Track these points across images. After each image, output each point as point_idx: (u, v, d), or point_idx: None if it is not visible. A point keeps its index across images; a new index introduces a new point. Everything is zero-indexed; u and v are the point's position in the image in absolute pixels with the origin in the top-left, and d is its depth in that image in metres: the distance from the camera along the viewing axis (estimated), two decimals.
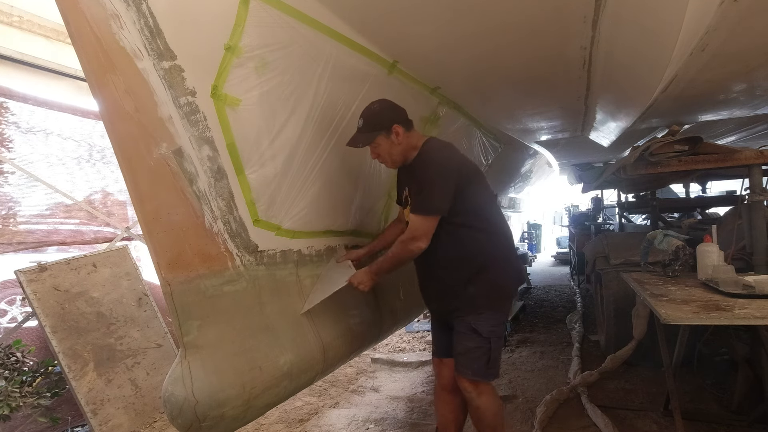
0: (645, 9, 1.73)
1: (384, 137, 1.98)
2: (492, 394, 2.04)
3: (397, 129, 1.97)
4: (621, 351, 3.46)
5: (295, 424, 3.03)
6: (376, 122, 1.96)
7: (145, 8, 1.36)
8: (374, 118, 1.97)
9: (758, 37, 1.66)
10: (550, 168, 7.04)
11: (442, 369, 2.24)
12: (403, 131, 1.99)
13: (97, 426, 2.88)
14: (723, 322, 1.79)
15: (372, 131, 1.97)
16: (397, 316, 2.72)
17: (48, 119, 3.49)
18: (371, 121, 1.97)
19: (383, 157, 2.06)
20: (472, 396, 2.00)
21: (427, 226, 1.93)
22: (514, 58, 2.32)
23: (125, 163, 1.48)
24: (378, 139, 1.98)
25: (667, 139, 2.76)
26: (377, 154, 2.05)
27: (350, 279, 2.03)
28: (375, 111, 1.98)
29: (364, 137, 1.98)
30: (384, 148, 2.02)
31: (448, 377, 2.21)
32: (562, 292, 7.14)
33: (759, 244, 2.50)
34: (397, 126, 1.97)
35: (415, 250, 1.95)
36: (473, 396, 2.00)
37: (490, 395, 2.02)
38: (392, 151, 2.02)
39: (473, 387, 1.99)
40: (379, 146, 2.01)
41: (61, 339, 2.91)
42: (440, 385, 2.27)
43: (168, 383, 1.53)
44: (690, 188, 6.02)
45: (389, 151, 2.02)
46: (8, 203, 3.29)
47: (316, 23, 1.80)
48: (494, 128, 3.78)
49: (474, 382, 1.99)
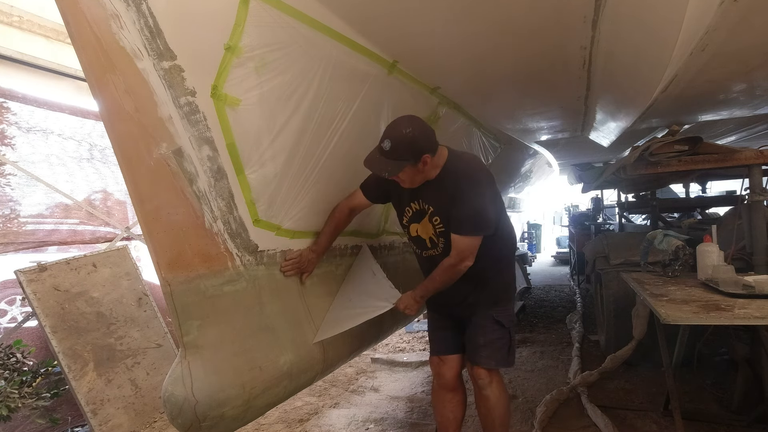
0: (645, 9, 1.73)
1: (411, 166, 1.86)
2: (503, 383, 2.14)
3: (425, 159, 1.85)
4: (621, 351, 3.46)
5: (295, 424, 3.03)
6: (406, 151, 1.81)
7: (145, 8, 1.36)
8: (405, 146, 1.80)
9: (758, 36, 1.66)
10: (550, 168, 7.04)
11: (442, 368, 2.24)
12: (430, 158, 1.87)
13: (97, 426, 2.88)
14: (723, 322, 1.79)
15: (400, 160, 1.82)
16: (397, 316, 2.71)
17: (48, 119, 3.50)
18: (401, 149, 1.80)
19: (402, 180, 1.95)
20: (486, 384, 2.07)
21: (476, 245, 1.92)
22: (514, 58, 2.32)
23: (125, 163, 1.48)
24: (405, 168, 1.85)
25: (667, 139, 2.77)
26: (397, 177, 1.91)
27: (397, 304, 2.01)
28: (407, 139, 1.80)
29: (391, 166, 1.82)
30: (407, 176, 1.91)
31: (449, 375, 2.22)
32: (562, 292, 7.14)
33: (759, 244, 2.50)
34: (427, 156, 1.85)
35: (464, 270, 1.93)
36: (487, 384, 2.07)
37: (502, 384, 2.12)
38: (415, 178, 1.93)
39: (490, 377, 2.07)
40: (403, 173, 1.88)
41: (61, 339, 2.91)
42: (439, 384, 2.27)
43: (168, 383, 1.53)
44: (690, 188, 6.02)
45: (412, 177, 1.92)
46: (8, 203, 3.29)
47: (316, 23, 1.80)
48: (494, 128, 3.78)
49: (491, 371, 2.07)
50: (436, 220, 2.00)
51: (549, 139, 4.63)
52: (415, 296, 2.01)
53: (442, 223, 1.98)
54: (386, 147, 1.81)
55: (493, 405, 2.08)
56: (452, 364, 2.22)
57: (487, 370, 2.07)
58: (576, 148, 5.40)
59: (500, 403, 2.08)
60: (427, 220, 2.03)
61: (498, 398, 2.08)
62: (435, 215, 1.99)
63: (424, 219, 2.04)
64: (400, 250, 2.89)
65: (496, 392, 2.07)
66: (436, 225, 2.00)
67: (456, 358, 2.22)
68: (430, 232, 2.04)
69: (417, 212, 2.06)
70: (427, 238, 2.06)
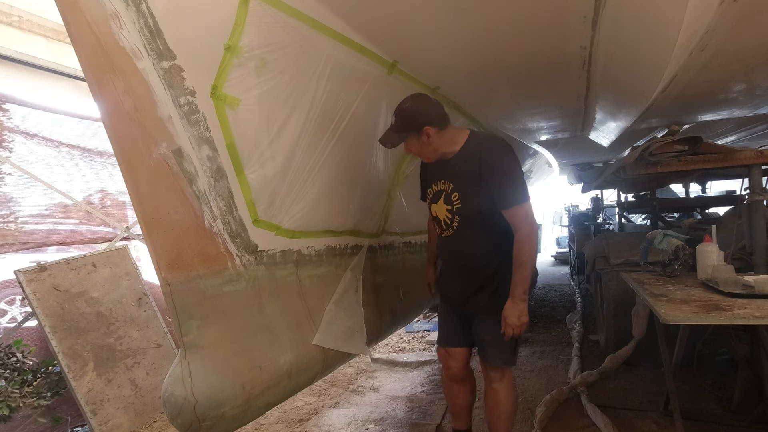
0: (645, 9, 1.73)
1: (414, 138, 1.96)
2: (512, 380, 2.15)
3: (428, 131, 1.93)
4: (621, 351, 3.46)
5: (295, 424, 3.03)
6: (405, 123, 1.94)
7: (144, 8, 1.36)
8: (404, 117, 1.94)
9: (758, 37, 1.66)
10: (549, 168, 7.03)
11: (448, 360, 2.26)
12: (435, 131, 1.94)
13: (97, 426, 2.88)
14: (723, 322, 1.78)
15: (401, 131, 1.96)
16: (397, 316, 2.72)
17: (48, 119, 3.50)
18: (401, 121, 1.95)
19: (414, 153, 2.06)
20: (497, 379, 2.11)
21: (530, 210, 1.94)
22: (514, 58, 2.32)
23: (125, 163, 1.48)
24: (408, 139, 1.98)
25: (666, 139, 2.76)
26: (409, 150, 2.04)
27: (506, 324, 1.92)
28: (406, 111, 1.95)
29: (394, 137, 1.98)
30: (415, 147, 2.01)
31: (456, 367, 2.25)
32: (562, 292, 7.13)
33: (759, 244, 2.50)
34: (428, 128, 1.93)
35: (536, 233, 1.96)
36: (498, 379, 2.10)
37: (510, 380, 2.14)
38: (423, 150, 2.01)
39: (497, 374, 2.10)
40: (410, 144, 2.00)
41: (60, 339, 2.91)
42: (448, 375, 2.30)
43: (168, 383, 1.53)
44: (690, 188, 6.01)
45: (420, 150, 2.02)
46: (8, 203, 3.29)
47: (316, 23, 1.80)
48: (494, 128, 3.78)
49: (500, 368, 2.09)
50: (455, 197, 2.02)
51: (549, 139, 4.63)
52: (519, 297, 1.92)
53: (460, 201, 2.01)
54: (392, 121, 1.98)
55: (502, 399, 2.11)
56: (458, 357, 2.24)
57: (499, 369, 2.10)
58: (576, 148, 5.40)
59: (508, 398, 2.11)
60: (442, 200, 2.08)
61: (507, 393, 2.11)
62: (454, 191, 2.03)
63: (440, 199, 2.09)
64: (400, 250, 2.89)
65: (506, 387, 2.11)
66: (454, 202, 2.03)
67: (462, 351, 2.25)
68: (444, 212, 2.08)
69: (437, 192, 2.11)
70: (442, 218, 2.10)
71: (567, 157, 6.34)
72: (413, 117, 1.93)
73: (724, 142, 4.54)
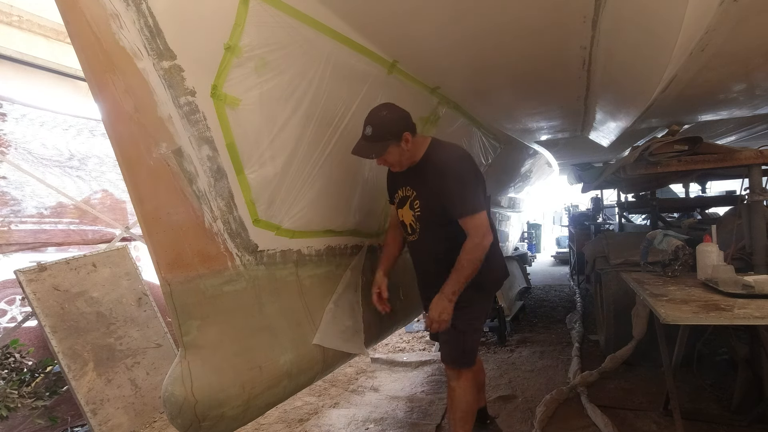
0: (645, 9, 1.73)
1: (395, 146, 1.97)
2: (470, 380, 2.18)
3: (407, 136, 1.96)
4: (621, 351, 3.46)
5: (295, 424, 3.03)
6: (386, 132, 1.93)
7: (144, 8, 1.36)
8: (385, 127, 1.93)
9: (758, 37, 1.66)
10: (549, 168, 7.03)
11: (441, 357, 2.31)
12: (411, 137, 1.98)
13: (97, 426, 2.88)
14: (722, 322, 1.79)
15: (383, 140, 1.94)
16: (397, 316, 2.71)
17: (48, 120, 3.50)
18: (381, 131, 1.93)
19: (390, 163, 2.06)
20: (452, 379, 2.18)
21: (483, 221, 1.96)
22: (514, 58, 2.32)
23: (125, 163, 1.48)
24: (390, 148, 1.97)
25: (666, 139, 2.76)
26: (384, 160, 2.03)
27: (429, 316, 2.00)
28: (385, 119, 1.94)
29: (376, 147, 1.95)
30: (394, 156, 2.01)
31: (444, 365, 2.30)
32: (562, 292, 7.13)
33: (759, 244, 2.50)
34: (407, 133, 1.96)
35: (488, 245, 1.97)
36: (452, 379, 2.17)
37: (468, 381, 2.16)
38: (402, 158, 2.02)
39: (454, 373, 2.17)
40: (390, 154, 1.99)
41: (60, 339, 2.91)
42: None
43: (168, 383, 1.53)
44: (690, 188, 6.02)
45: (399, 159, 2.02)
46: (8, 203, 3.29)
47: (316, 23, 1.80)
48: (494, 128, 3.78)
49: (456, 368, 2.16)
50: (416, 204, 2.08)
51: (549, 139, 4.63)
52: (446, 295, 1.96)
53: (421, 208, 2.07)
54: (369, 132, 1.94)
55: (457, 398, 2.15)
56: None
57: (451, 368, 2.16)
58: (576, 148, 5.40)
59: (464, 398, 2.15)
60: (408, 206, 2.12)
61: (462, 393, 2.15)
62: (416, 199, 2.08)
63: (406, 204, 2.13)
64: None
65: (462, 387, 2.15)
66: (416, 209, 2.09)
67: None
68: (410, 218, 2.13)
69: (403, 198, 2.16)
70: (408, 223, 2.16)
71: (567, 157, 6.34)
72: (393, 124, 1.94)
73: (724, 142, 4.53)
